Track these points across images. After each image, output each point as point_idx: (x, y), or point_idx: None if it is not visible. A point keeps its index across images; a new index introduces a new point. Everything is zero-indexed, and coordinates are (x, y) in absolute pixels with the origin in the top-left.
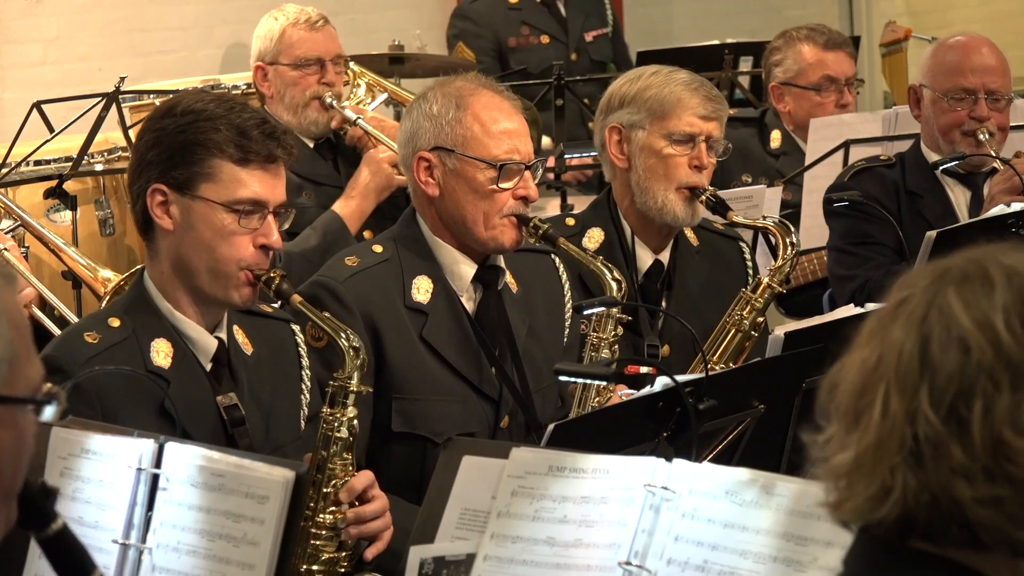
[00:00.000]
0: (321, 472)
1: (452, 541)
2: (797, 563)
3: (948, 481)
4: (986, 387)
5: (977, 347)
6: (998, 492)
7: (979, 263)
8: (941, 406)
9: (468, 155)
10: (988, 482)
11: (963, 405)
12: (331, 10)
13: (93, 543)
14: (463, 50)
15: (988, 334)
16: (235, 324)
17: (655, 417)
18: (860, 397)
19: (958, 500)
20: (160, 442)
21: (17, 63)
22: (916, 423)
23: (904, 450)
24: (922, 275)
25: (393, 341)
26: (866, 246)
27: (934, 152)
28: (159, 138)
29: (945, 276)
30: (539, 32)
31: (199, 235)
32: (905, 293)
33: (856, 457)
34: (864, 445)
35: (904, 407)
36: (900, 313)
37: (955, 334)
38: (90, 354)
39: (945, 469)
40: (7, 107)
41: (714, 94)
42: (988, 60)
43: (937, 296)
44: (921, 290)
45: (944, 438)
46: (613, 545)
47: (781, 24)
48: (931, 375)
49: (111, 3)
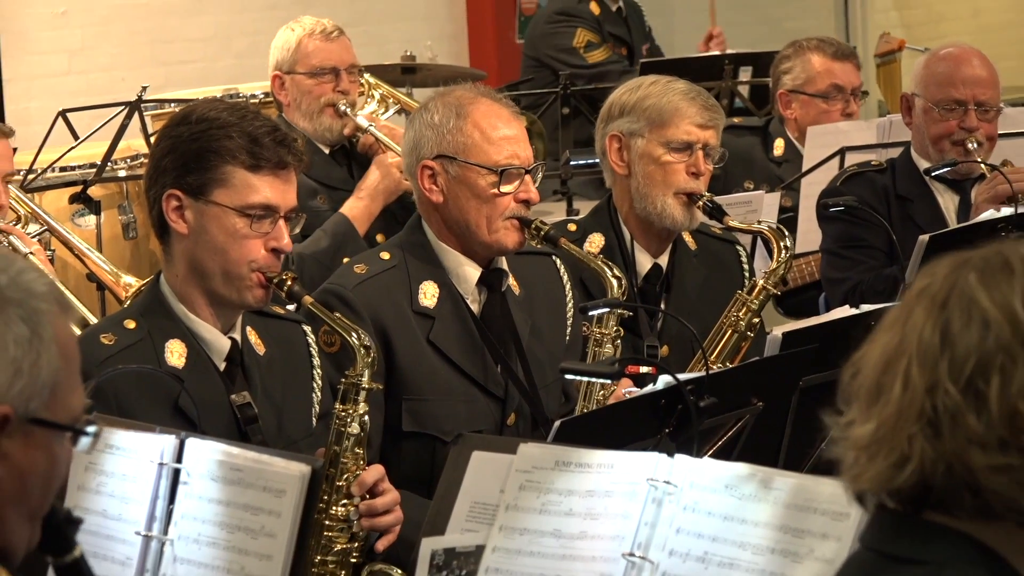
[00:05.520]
0: (334, 466)
1: (462, 533)
2: (794, 554)
3: (963, 450)
4: (1004, 363)
5: (996, 325)
6: (1011, 461)
7: (999, 252)
8: (960, 379)
9: (470, 161)
10: (1002, 451)
11: (981, 378)
12: (346, 21)
13: (117, 535)
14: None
15: (1007, 314)
16: (248, 325)
17: (657, 414)
18: (883, 374)
19: (972, 468)
20: (181, 438)
21: (43, 73)
22: (935, 395)
23: (923, 420)
24: (943, 265)
25: (402, 345)
26: (858, 249)
27: (924, 159)
28: (174, 145)
29: (966, 264)
30: (620, 43)
31: (212, 239)
32: (927, 281)
33: (877, 428)
34: (885, 416)
35: (925, 379)
36: (922, 298)
37: (975, 314)
38: (106, 355)
39: (961, 438)
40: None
41: (711, 103)
42: (978, 72)
43: (959, 281)
44: (942, 277)
45: (962, 409)
46: (617, 537)
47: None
48: (951, 350)
49: (134, 15)
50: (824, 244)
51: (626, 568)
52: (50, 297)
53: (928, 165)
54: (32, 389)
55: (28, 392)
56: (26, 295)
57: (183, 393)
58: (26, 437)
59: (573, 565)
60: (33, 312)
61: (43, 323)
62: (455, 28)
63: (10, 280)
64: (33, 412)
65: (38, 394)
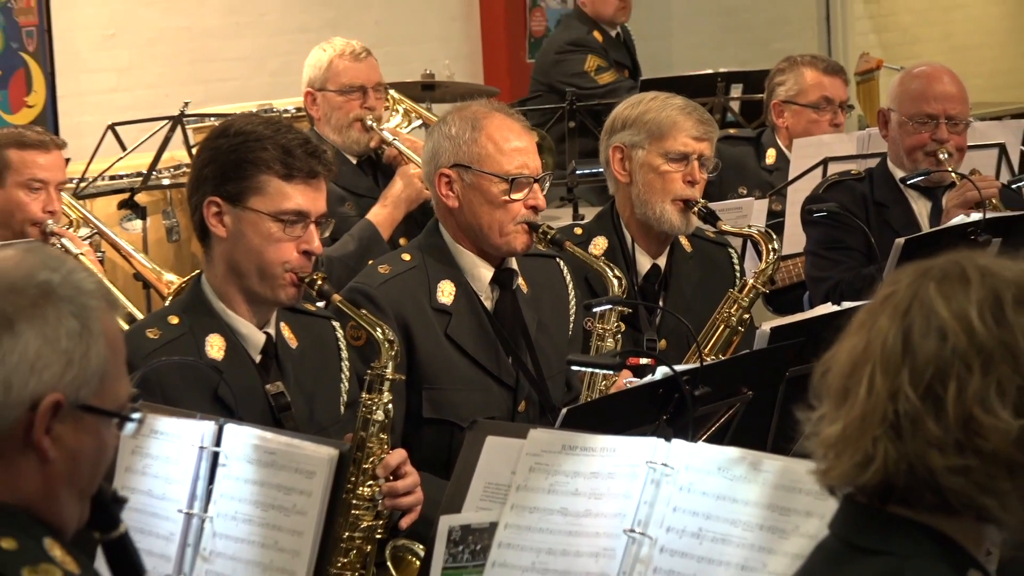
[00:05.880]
0: (360, 450)
1: (477, 511)
2: (781, 531)
3: (923, 452)
4: (960, 370)
5: (953, 335)
6: (967, 462)
7: (957, 263)
8: (920, 386)
9: (483, 170)
10: (958, 453)
11: (939, 385)
12: (371, 43)
13: (161, 513)
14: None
15: (963, 324)
16: (282, 321)
17: (656, 402)
18: (849, 377)
19: (932, 468)
20: (220, 424)
21: (94, 90)
22: (897, 400)
23: (886, 423)
24: (906, 273)
25: (422, 339)
26: (839, 251)
27: (899, 168)
28: (214, 156)
29: (927, 274)
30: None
31: (249, 242)
32: (891, 288)
33: (844, 429)
34: (851, 418)
35: (887, 386)
36: (886, 305)
37: (934, 324)
38: (151, 348)
39: (921, 441)
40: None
41: (705, 118)
42: (949, 88)
43: (920, 291)
44: (905, 286)
45: (921, 414)
46: (619, 515)
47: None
48: (912, 359)
49: (177, 37)
50: (808, 246)
51: (627, 543)
52: (98, 294)
53: (903, 174)
54: (82, 379)
55: (79, 381)
56: (76, 292)
57: (222, 383)
58: (77, 423)
59: (578, 540)
60: (83, 308)
61: (92, 318)
62: (470, 49)
63: (62, 279)
64: (83, 400)
65: (87, 383)
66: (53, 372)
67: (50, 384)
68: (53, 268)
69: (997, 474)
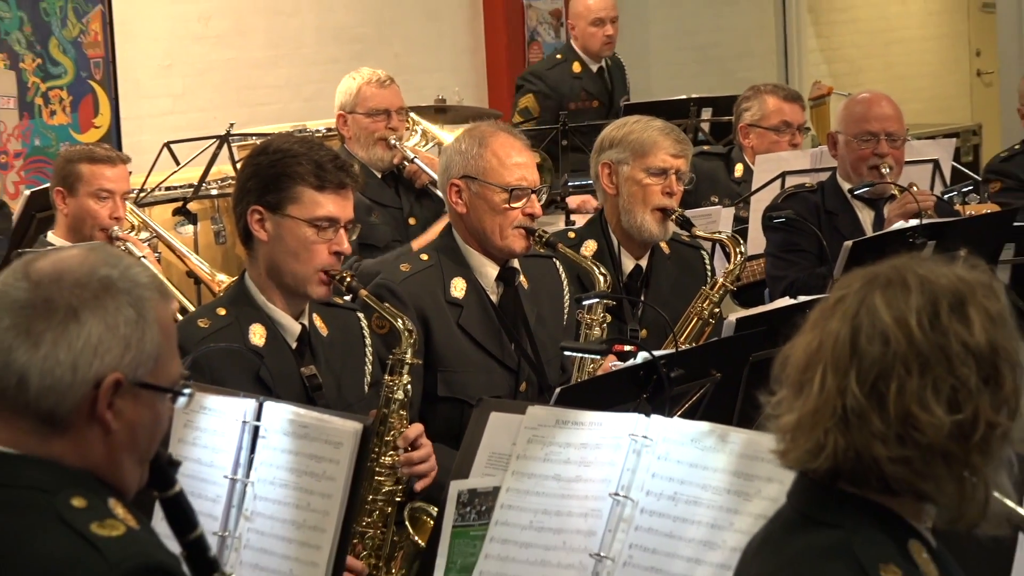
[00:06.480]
0: (383, 425)
1: (482, 477)
2: (745, 494)
3: (868, 443)
4: (900, 372)
5: (895, 339)
6: (907, 453)
7: (900, 271)
8: (865, 384)
9: (487, 181)
10: (899, 445)
11: (882, 385)
12: (392, 72)
13: (208, 478)
14: (531, 100)
15: (904, 329)
16: (314, 312)
17: (637, 383)
18: (804, 372)
19: (876, 458)
20: (260, 401)
21: (152, 113)
22: (845, 396)
23: (835, 417)
24: (856, 278)
25: (438, 328)
26: (795, 253)
27: (847, 181)
28: (256, 171)
29: (874, 281)
30: (592, 97)
31: (287, 245)
32: (842, 292)
33: (798, 419)
34: (805, 410)
35: (837, 383)
36: (838, 309)
37: (878, 328)
38: (202, 335)
39: (867, 434)
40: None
41: (682, 137)
42: (887, 110)
43: (866, 297)
44: (854, 291)
45: (867, 410)
46: (605, 480)
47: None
48: (859, 360)
49: (225, 67)
50: (768, 249)
51: (612, 505)
52: (152, 286)
53: (850, 186)
54: (139, 360)
55: (136, 362)
56: (132, 285)
57: (262, 366)
58: (135, 398)
59: (570, 502)
60: (139, 299)
61: (147, 307)
62: (477, 77)
63: (120, 274)
64: (140, 378)
65: (144, 363)
66: (113, 355)
67: (111, 365)
68: (112, 264)
69: (933, 463)
